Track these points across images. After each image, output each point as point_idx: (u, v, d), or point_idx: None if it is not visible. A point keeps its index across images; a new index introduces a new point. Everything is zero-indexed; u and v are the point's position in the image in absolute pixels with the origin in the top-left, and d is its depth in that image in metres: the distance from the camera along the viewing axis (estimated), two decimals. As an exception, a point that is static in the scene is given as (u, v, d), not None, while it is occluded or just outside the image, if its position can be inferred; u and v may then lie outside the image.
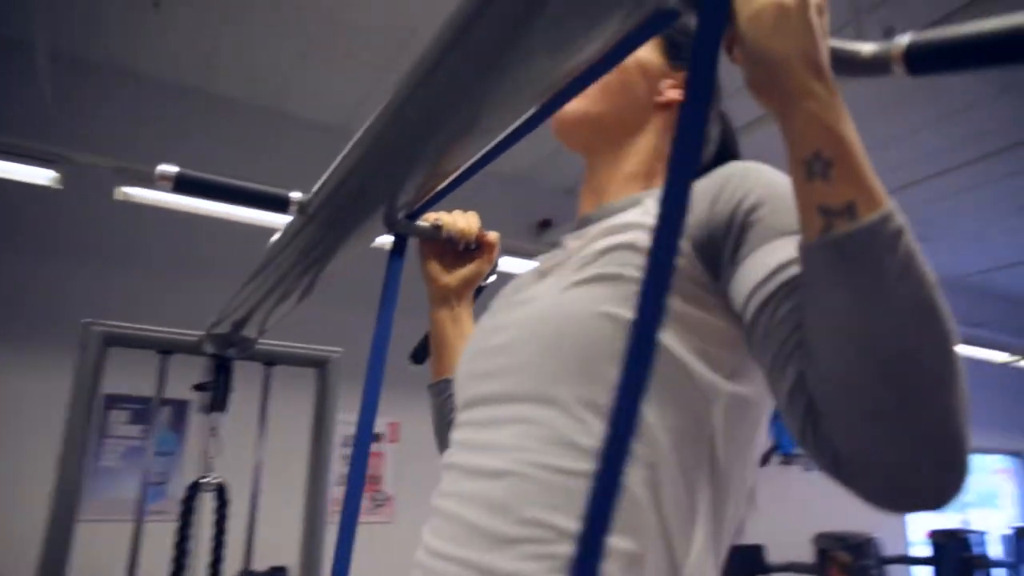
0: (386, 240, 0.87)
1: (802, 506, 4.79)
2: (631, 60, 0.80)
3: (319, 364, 1.72)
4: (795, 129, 0.51)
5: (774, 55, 0.50)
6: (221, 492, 1.46)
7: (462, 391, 0.78)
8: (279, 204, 0.82)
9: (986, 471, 7.08)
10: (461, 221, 0.95)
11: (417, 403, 4.31)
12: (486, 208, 0.84)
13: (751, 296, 0.58)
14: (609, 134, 0.84)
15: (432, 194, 0.79)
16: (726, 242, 0.62)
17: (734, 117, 0.90)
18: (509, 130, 0.66)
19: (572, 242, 0.79)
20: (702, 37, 0.43)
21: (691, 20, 0.46)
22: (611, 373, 0.61)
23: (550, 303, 0.69)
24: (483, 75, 0.58)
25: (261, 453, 1.67)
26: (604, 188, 0.83)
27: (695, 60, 0.42)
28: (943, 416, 0.47)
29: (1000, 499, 7.17)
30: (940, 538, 4.80)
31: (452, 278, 0.96)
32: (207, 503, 1.49)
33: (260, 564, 1.77)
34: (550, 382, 0.65)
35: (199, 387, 1.59)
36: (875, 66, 0.50)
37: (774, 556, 4.55)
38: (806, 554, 4.51)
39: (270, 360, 1.68)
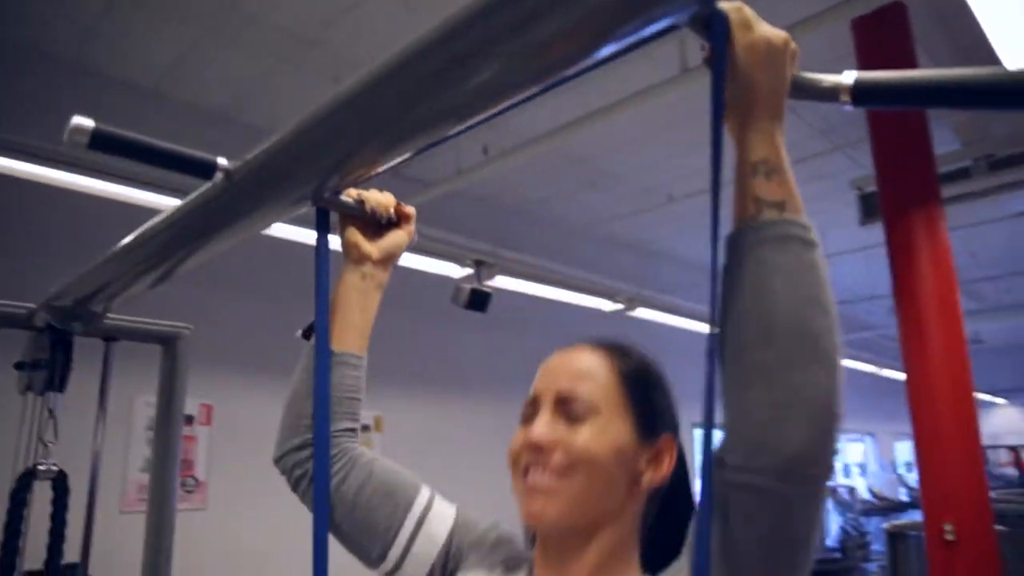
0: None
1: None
2: (610, 452, 0.76)
3: (167, 341, 1.59)
4: (751, 140, 0.62)
5: (753, 82, 0.60)
6: (60, 481, 1.31)
7: None
8: (204, 169, 0.78)
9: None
10: (379, 196, 0.95)
11: (232, 385, 4.07)
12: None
13: None
14: (591, 532, 0.78)
15: (361, 179, 0.80)
16: None
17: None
18: (451, 133, 0.68)
19: None
20: (714, 50, 0.57)
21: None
22: None
23: None
24: (438, 90, 0.61)
25: (100, 438, 1.52)
26: (570, 569, 0.79)
27: (714, 64, 0.57)
28: (819, 386, 0.56)
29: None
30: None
31: (374, 248, 0.94)
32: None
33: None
34: None
35: (27, 365, 1.42)
36: (828, 94, 0.60)
37: None
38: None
39: (112, 335, 1.52)
